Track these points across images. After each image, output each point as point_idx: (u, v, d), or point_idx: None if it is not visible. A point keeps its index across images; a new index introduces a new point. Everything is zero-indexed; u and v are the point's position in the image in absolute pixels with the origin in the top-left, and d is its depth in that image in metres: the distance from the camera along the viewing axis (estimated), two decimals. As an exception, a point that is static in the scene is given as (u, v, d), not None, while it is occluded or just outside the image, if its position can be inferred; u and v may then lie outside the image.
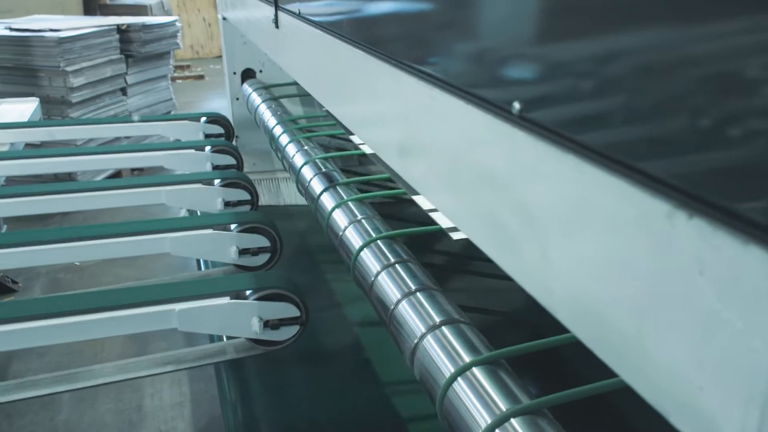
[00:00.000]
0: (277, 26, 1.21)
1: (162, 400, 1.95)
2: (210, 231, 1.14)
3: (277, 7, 1.19)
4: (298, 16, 1.02)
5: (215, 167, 1.56)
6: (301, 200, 2.30)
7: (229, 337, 1.28)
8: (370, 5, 0.70)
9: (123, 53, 3.60)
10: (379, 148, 0.73)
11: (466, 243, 1.68)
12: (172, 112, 4.10)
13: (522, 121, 0.42)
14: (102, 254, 1.10)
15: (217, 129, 1.84)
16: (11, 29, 3.41)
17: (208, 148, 1.59)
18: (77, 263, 2.78)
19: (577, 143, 0.37)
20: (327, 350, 1.46)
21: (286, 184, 2.38)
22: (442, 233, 1.70)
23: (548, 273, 0.41)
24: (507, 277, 1.39)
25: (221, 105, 5.74)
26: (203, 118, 1.84)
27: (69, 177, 3.17)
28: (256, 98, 2.00)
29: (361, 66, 0.72)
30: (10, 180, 1.88)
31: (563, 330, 1.16)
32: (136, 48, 3.64)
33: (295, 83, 2.29)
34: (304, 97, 2.29)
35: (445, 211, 0.56)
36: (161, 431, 1.83)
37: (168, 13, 6.10)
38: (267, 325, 0.94)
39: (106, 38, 3.47)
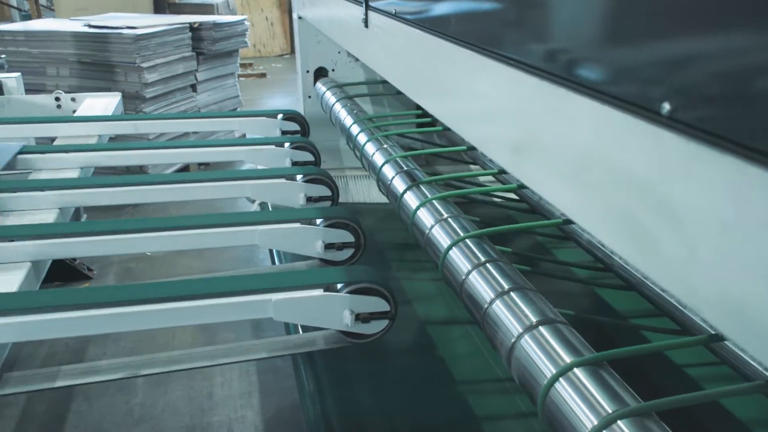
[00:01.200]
0: (366, 26, 1.23)
1: (231, 389, 2.00)
2: (297, 225, 1.16)
3: (367, 7, 1.21)
4: (394, 15, 1.04)
5: (294, 163, 1.60)
6: (370, 198, 2.34)
7: (305, 329, 1.31)
8: (484, 3, 0.70)
9: (194, 51, 3.70)
10: (487, 146, 0.73)
11: (535, 243, 1.66)
12: (238, 109, 4.18)
13: (672, 122, 0.42)
14: (194, 244, 1.14)
15: (293, 126, 1.87)
16: (90, 26, 3.54)
17: (287, 144, 1.62)
18: (148, 253, 2.86)
19: (738, 144, 0.37)
20: (401, 347, 1.47)
21: (354, 181, 2.40)
22: (516, 233, 1.69)
23: (694, 273, 0.41)
24: (575, 279, 1.37)
25: (283, 102, 5.85)
26: (280, 115, 1.87)
27: (140, 170, 3.28)
28: (330, 97, 2.03)
29: (471, 66, 0.73)
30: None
31: (635, 339, 1.14)
32: (207, 46, 3.73)
33: (367, 82, 2.32)
34: (375, 96, 2.32)
35: (569, 210, 0.56)
36: (231, 419, 1.88)
37: (233, 12, 6.23)
38: (358, 318, 0.96)
39: (179, 36, 3.57)
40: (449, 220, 1.10)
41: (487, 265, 0.94)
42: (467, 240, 1.02)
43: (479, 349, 1.47)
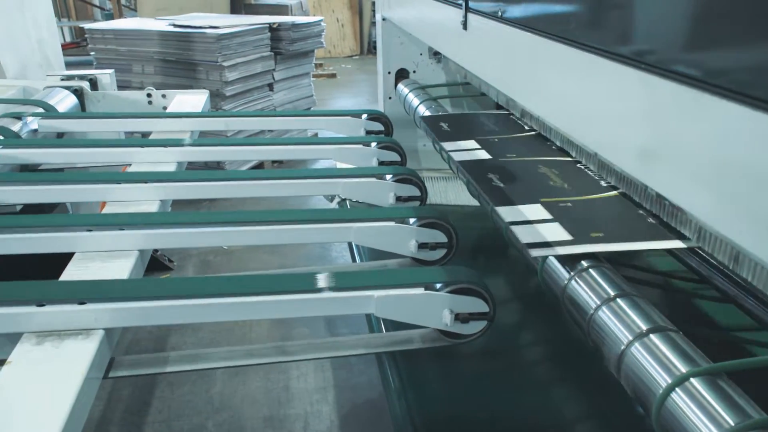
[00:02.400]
0: (465, 28, 1.23)
1: (307, 383, 2.04)
2: (392, 223, 1.18)
3: (467, 10, 1.21)
4: (499, 18, 1.04)
5: (380, 163, 1.61)
6: (446, 200, 2.34)
7: (388, 327, 1.33)
8: (613, 6, 0.70)
9: (272, 50, 3.77)
10: (608, 151, 0.73)
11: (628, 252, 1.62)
12: (312, 108, 4.25)
13: None
14: (292, 239, 1.16)
15: (377, 126, 1.89)
16: (175, 26, 3.66)
17: (374, 143, 1.64)
18: (225, 247, 2.94)
19: None
20: (483, 348, 1.47)
21: (431, 183, 2.41)
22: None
23: None
24: (670, 289, 1.33)
25: (352, 103, 5.91)
26: (364, 115, 1.89)
27: (218, 165, 3.37)
28: (413, 98, 2.04)
29: (593, 70, 0.72)
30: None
31: (735, 352, 1.10)
32: (285, 46, 3.81)
33: (447, 84, 2.33)
34: (455, 98, 2.32)
35: (708, 216, 0.56)
36: (308, 413, 1.91)
37: (306, 13, 6.33)
38: (457, 318, 0.96)
39: (259, 36, 3.66)
40: (546, 224, 1.09)
41: (590, 270, 0.93)
42: (567, 245, 1.01)
43: (561, 354, 1.46)
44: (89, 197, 1.33)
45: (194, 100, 2.15)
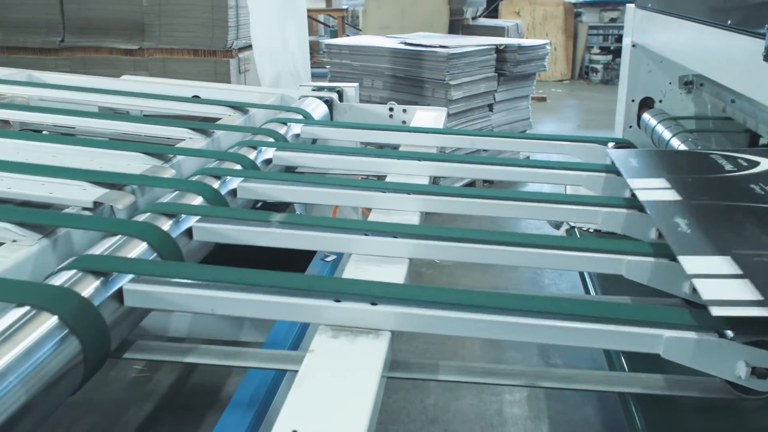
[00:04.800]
0: (767, 59, 1.15)
1: (521, 410, 2.00)
2: (666, 261, 1.12)
3: (772, 39, 1.13)
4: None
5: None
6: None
7: (632, 365, 1.26)
8: None
9: (496, 71, 3.80)
10: None
11: None
12: (527, 131, 4.22)
13: None
14: (557, 264, 1.15)
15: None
16: (406, 44, 3.81)
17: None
18: (437, 261, 2.99)
19: None
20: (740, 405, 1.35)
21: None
22: None
23: None
24: None
25: (561, 128, 5.79)
26: (611, 144, 1.83)
27: (434, 181, 3.44)
28: (663, 129, 1.95)
29: None
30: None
31: None
32: (509, 67, 3.82)
33: (697, 117, 2.18)
34: (702, 132, 2.17)
35: None
36: (520, 441, 1.89)
37: (521, 35, 6.31)
38: (753, 372, 0.89)
39: (485, 57, 3.70)
40: None
41: None
42: None
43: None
44: (356, 202, 1.42)
45: (433, 116, 2.21)
